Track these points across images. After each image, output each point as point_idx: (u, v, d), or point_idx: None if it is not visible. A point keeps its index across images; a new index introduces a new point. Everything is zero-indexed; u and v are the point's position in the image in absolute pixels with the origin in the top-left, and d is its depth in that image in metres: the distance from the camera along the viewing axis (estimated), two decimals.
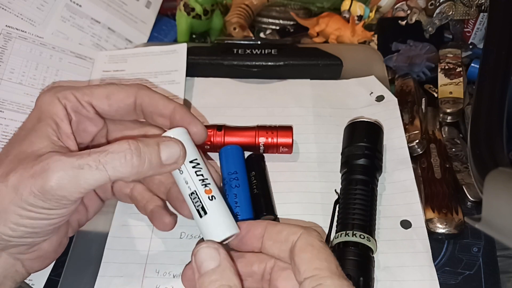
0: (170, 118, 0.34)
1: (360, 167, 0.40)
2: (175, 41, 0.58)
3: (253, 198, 0.39)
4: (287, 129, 0.43)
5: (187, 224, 0.39)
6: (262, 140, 0.43)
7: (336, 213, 0.39)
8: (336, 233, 0.37)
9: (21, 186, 0.27)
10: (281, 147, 0.43)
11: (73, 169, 0.27)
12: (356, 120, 0.43)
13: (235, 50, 0.50)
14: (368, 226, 0.37)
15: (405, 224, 0.39)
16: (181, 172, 0.31)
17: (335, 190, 0.41)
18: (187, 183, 0.31)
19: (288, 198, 0.41)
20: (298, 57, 0.50)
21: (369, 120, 0.43)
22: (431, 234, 0.39)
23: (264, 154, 0.43)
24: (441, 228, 0.39)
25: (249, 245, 0.30)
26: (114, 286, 0.36)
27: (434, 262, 0.37)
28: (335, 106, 0.48)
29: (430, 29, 0.54)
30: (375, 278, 0.36)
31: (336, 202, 0.40)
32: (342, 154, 0.42)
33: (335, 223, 0.39)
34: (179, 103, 0.34)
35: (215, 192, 0.31)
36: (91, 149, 0.28)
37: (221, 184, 0.39)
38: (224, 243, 0.30)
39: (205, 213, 0.30)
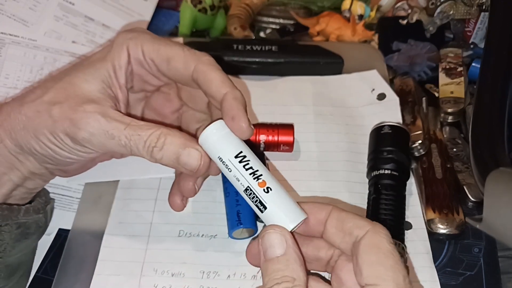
0: (220, 103, 0.32)
1: (389, 175, 0.39)
2: (171, 34, 0.56)
3: None
4: (288, 127, 0.43)
5: (185, 222, 0.39)
6: (263, 137, 0.42)
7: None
8: None
9: (59, 122, 0.31)
10: (282, 145, 0.43)
11: (105, 135, 0.30)
12: (389, 124, 0.42)
13: (235, 46, 0.49)
14: (401, 234, 0.37)
15: (406, 225, 0.39)
16: (229, 170, 0.29)
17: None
18: (238, 180, 0.29)
19: None
20: (299, 55, 0.49)
21: (398, 125, 0.42)
22: (432, 235, 0.39)
23: (265, 152, 0.43)
24: (442, 229, 0.39)
25: (311, 229, 0.28)
26: (111, 284, 0.35)
27: (435, 262, 0.37)
28: (336, 104, 0.47)
29: (431, 28, 0.54)
30: None
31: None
32: (370, 157, 0.41)
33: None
34: (234, 89, 0.32)
35: (271, 182, 0.29)
36: (130, 123, 0.31)
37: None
38: (292, 230, 0.28)
39: (265, 208, 0.28)
